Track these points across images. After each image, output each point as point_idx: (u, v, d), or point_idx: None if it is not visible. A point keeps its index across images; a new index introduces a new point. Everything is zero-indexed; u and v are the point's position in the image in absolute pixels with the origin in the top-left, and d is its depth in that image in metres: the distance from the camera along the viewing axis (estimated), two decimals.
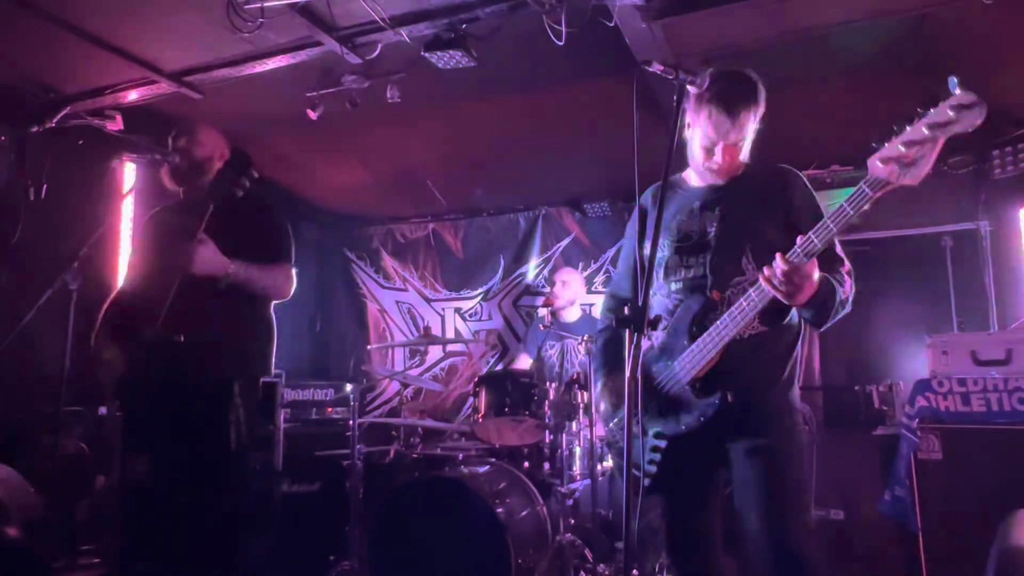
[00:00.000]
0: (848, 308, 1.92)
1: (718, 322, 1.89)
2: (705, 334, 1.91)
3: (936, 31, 3.21)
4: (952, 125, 1.49)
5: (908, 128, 1.54)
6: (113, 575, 3.38)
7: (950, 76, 1.50)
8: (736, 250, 1.97)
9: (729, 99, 1.92)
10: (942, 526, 2.95)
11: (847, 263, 1.94)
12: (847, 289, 1.88)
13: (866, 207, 1.65)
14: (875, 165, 1.59)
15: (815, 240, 1.69)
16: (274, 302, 2.71)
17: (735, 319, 1.86)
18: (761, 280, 1.76)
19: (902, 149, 1.54)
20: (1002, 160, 4.25)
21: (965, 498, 2.91)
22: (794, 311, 2.00)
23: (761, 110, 2.00)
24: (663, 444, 1.99)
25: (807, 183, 2.04)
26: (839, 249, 1.94)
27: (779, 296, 1.74)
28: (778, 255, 1.71)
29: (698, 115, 1.98)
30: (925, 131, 1.52)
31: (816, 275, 1.74)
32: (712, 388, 1.90)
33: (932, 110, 1.51)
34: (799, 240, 1.72)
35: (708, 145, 2.00)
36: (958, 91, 1.49)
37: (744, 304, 1.84)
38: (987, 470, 2.91)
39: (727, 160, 2.00)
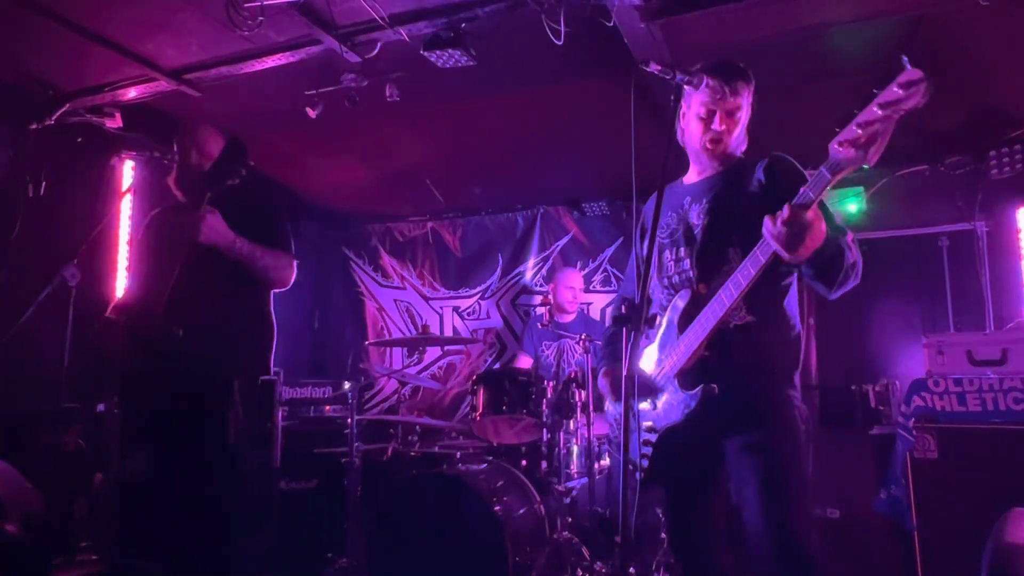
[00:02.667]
0: (857, 279, 1.85)
1: (702, 312, 1.90)
2: (690, 327, 1.93)
3: (933, 32, 3.22)
4: (901, 103, 1.50)
5: (862, 110, 1.55)
6: (111, 572, 3.39)
7: (903, 55, 1.51)
8: (722, 240, 1.98)
9: (723, 69, 1.99)
10: (937, 525, 2.97)
11: (849, 232, 1.88)
12: (854, 254, 1.83)
13: (827, 189, 1.66)
14: (834, 148, 1.60)
15: (810, 193, 1.67)
16: (275, 291, 2.72)
17: (721, 302, 1.85)
18: (765, 233, 1.71)
19: (858, 131, 1.55)
20: (999, 160, 4.27)
21: (960, 497, 2.92)
22: (787, 301, 2.00)
23: (752, 93, 2.05)
24: (653, 438, 2.00)
25: (798, 167, 2.01)
26: (838, 220, 1.89)
27: (780, 249, 1.68)
28: (786, 206, 1.67)
29: (692, 96, 2.02)
30: (877, 111, 1.52)
31: (822, 226, 1.69)
32: (696, 380, 1.90)
33: (882, 90, 1.52)
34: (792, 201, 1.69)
35: (706, 115, 2.02)
36: (906, 66, 1.50)
37: (731, 284, 1.82)
38: (982, 469, 2.92)
39: (725, 130, 2.01)
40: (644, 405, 2.04)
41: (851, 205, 4.51)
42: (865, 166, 1.58)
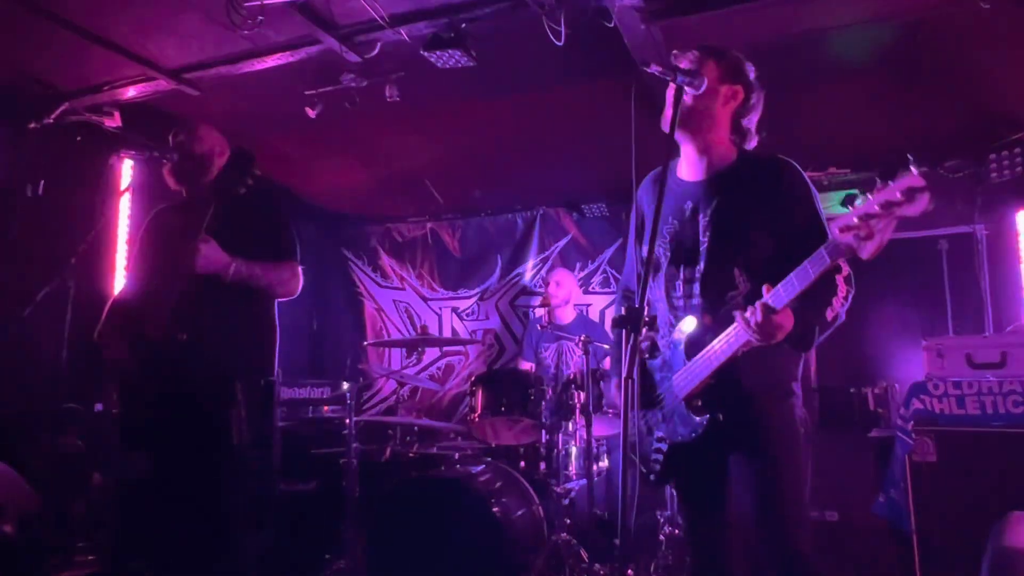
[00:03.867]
0: (841, 319, 1.88)
1: (709, 346, 1.88)
2: (698, 356, 1.91)
3: (932, 35, 3.22)
4: (902, 206, 1.46)
5: (865, 199, 1.52)
6: (108, 572, 3.38)
7: (909, 155, 1.49)
8: (728, 263, 1.94)
9: (701, 47, 2.00)
10: (936, 528, 2.96)
11: (845, 267, 1.86)
12: (839, 300, 1.84)
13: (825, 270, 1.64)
14: (835, 232, 1.59)
15: (782, 294, 1.70)
16: (280, 300, 2.72)
17: (723, 348, 1.85)
18: (738, 320, 1.76)
19: (856, 221, 1.53)
20: (998, 164, 4.27)
21: (959, 500, 2.92)
22: None
23: (728, 72, 2.00)
24: (664, 447, 2.02)
25: (804, 177, 1.97)
26: None
27: (753, 340, 1.76)
28: (748, 309, 1.72)
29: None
30: (877, 208, 1.49)
31: (789, 322, 1.75)
32: (704, 407, 1.91)
33: (887, 185, 1.48)
34: (766, 293, 1.72)
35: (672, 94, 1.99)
36: (912, 170, 1.45)
37: (730, 336, 1.83)
38: (981, 473, 2.92)
39: (692, 107, 1.96)
40: (655, 415, 2.05)
41: (850, 207, 4.51)
42: (863, 258, 1.56)
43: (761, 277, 1.83)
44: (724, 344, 1.85)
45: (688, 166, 2.10)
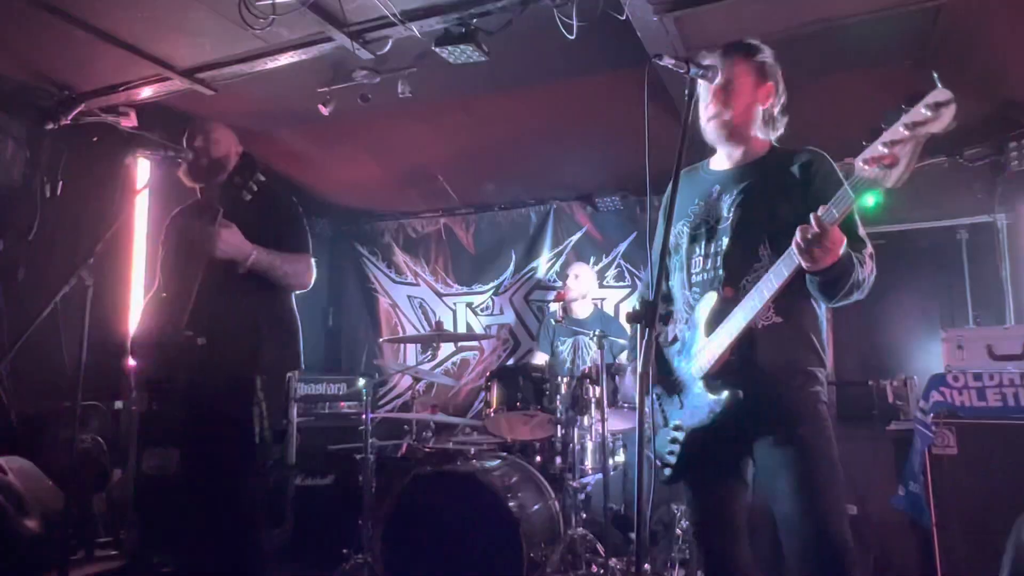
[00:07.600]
0: (864, 292, 1.84)
1: (729, 316, 1.86)
2: (716, 330, 1.89)
3: (952, 22, 3.17)
4: (929, 124, 1.45)
5: (889, 128, 1.50)
6: (130, 566, 3.43)
7: (934, 72, 1.46)
8: (754, 239, 1.93)
9: (722, 49, 1.99)
10: (956, 521, 2.93)
11: (869, 246, 1.87)
12: (867, 271, 1.82)
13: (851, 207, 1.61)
14: (859, 165, 1.56)
15: (834, 211, 1.64)
16: (296, 292, 2.75)
17: (750, 306, 1.81)
18: (793, 244, 1.69)
19: (883, 150, 1.51)
20: (1019, 152, 4.20)
21: (980, 493, 2.89)
22: (814, 298, 1.96)
23: (756, 67, 2.01)
24: (681, 436, 1.99)
25: (834, 167, 1.96)
26: (861, 231, 1.88)
27: (803, 261, 1.68)
28: (812, 215, 1.65)
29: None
30: (903, 131, 1.48)
31: (842, 245, 1.69)
32: (723, 385, 1.88)
33: (910, 108, 1.47)
34: (820, 209, 1.66)
35: (705, 96, 2.01)
36: (938, 87, 1.44)
37: (763, 288, 1.79)
38: (1002, 465, 2.88)
39: (722, 107, 1.98)
40: (672, 403, 2.03)
41: (869, 198, 4.45)
42: (887, 186, 1.53)
43: None
44: (755, 298, 1.81)
45: (720, 160, 2.13)
